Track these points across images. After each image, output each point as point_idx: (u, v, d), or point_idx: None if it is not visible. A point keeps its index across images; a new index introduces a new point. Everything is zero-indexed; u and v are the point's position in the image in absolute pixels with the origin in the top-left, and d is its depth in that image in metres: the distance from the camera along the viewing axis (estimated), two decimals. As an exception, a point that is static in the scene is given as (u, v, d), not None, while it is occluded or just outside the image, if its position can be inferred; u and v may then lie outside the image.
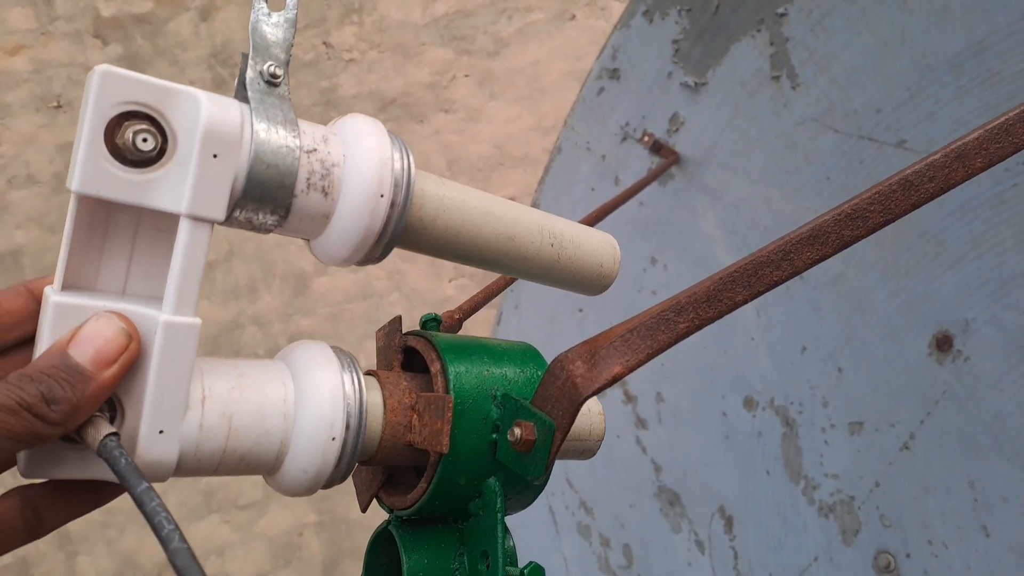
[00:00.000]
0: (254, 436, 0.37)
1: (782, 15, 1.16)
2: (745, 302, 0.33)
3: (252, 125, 0.36)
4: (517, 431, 0.37)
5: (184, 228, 0.34)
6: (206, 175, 0.34)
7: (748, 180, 1.25)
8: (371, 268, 2.42)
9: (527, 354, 0.46)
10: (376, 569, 0.44)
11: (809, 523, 1.17)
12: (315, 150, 0.38)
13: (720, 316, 0.33)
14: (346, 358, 0.40)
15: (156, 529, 0.29)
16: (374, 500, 0.44)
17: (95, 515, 2.20)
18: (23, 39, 2.29)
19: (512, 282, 0.68)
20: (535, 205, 1.67)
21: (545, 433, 0.36)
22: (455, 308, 0.56)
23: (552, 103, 2.48)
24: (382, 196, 0.38)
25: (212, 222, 0.35)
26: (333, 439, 0.38)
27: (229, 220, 0.37)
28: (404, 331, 0.46)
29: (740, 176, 1.26)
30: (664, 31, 1.33)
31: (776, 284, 0.32)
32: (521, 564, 0.40)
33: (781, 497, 1.22)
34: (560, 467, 1.58)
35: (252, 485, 2.34)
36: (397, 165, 0.39)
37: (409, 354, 0.45)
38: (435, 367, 0.42)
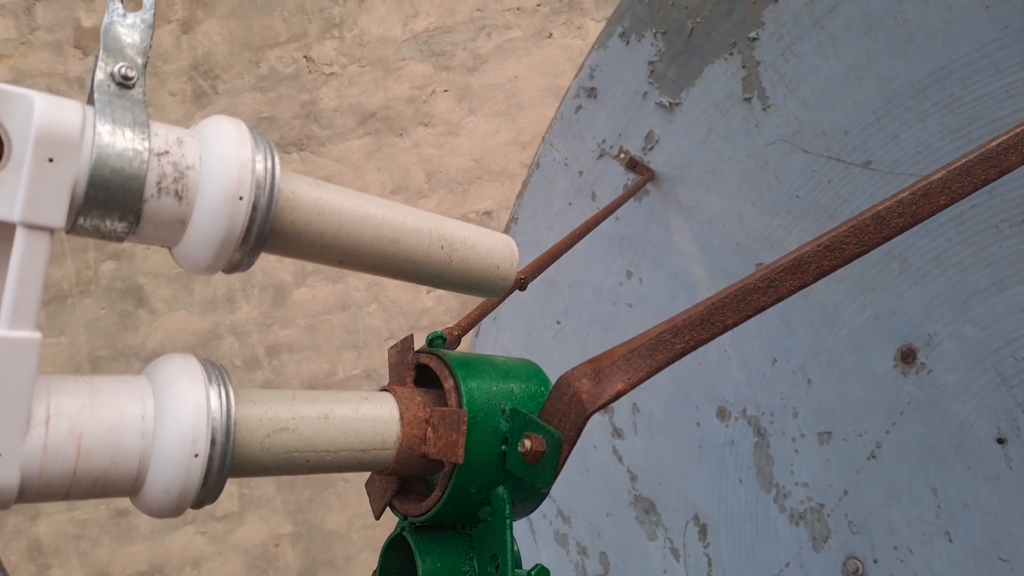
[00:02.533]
0: (108, 455, 0.34)
1: (754, 39, 1.20)
2: (735, 325, 0.36)
3: (95, 127, 0.34)
4: (527, 443, 0.40)
5: (20, 236, 0.32)
6: (41, 180, 0.32)
7: (721, 197, 1.29)
8: (350, 279, 2.44)
9: (530, 371, 0.48)
10: (389, 573, 0.46)
11: (780, 530, 1.21)
12: (167, 152, 0.36)
13: (713, 338, 0.36)
14: (215, 372, 0.38)
15: None
16: (387, 508, 0.46)
17: (68, 527, 2.18)
18: (3, 48, 2.27)
19: (506, 297, 0.71)
20: (513, 219, 1.70)
21: (553, 445, 0.38)
22: (453, 324, 0.59)
23: (529, 118, 2.52)
24: (241, 198, 0.37)
25: (51, 230, 0.33)
26: (196, 455, 0.35)
27: (75, 228, 0.35)
28: (415, 349, 0.49)
29: (713, 193, 1.30)
30: (640, 52, 1.37)
31: (762, 309, 0.35)
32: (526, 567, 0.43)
33: (753, 505, 1.25)
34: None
35: (228, 496, 2.33)
36: (259, 167, 0.38)
37: (419, 370, 0.48)
38: (448, 383, 0.44)
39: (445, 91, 2.51)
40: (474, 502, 0.44)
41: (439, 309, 2.46)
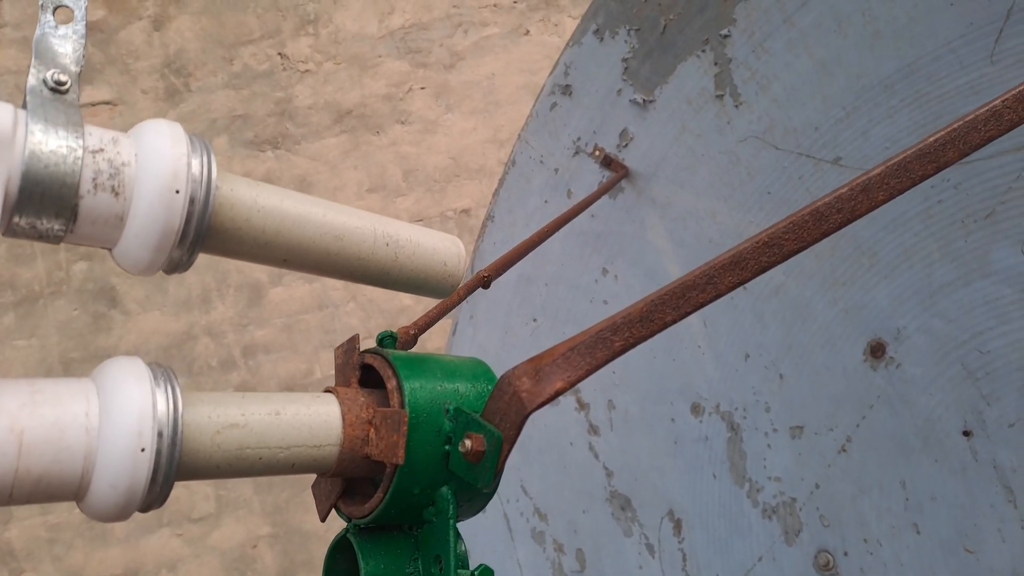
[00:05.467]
0: (51, 452, 0.34)
1: (726, 36, 1.21)
2: (675, 322, 0.36)
3: (27, 126, 0.35)
4: (468, 443, 0.40)
5: None
6: None
7: (694, 194, 1.29)
8: (326, 278, 2.42)
9: (478, 370, 0.48)
10: (335, 576, 0.46)
11: (753, 524, 1.22)
12: (101, 150, 0.37)
13: (652, 335, 0.36)
14: (163, 373, 0.38)
15: None
16: (333, 510, 0.46)
17: (41, 531, 2.16)
18: (-32, 47, 2.24)
19: (467, 296, 0.70)
20: (490, 216, 1.69)
21: (494, 444, 0.38)
22: (410, 323, 0.58)
23: (507, 116, 2.52)
24: (177, 192, 0.37)
25: None
26: (143, 450, 0.35)
27: (10, 228, 0.35)
28: (362, 348, 0.48)
29: (687, 190, 1.31)
30: (614, 49, 1.37)
31: (702, 305, 0.35)
32: (472, 567, 0.42)
33: (727, 500, 1.26)
34: (515, 475, 1.61)
35: (205, 498, 2.31)
36: (195, 162, 0.38)
37: (367, 371, 0.48)
38: (391, 383, 0.44)
39: (422, 88, 2.50)
40: (418, 503, 0.44)
41: (417, 308, 2.46)
